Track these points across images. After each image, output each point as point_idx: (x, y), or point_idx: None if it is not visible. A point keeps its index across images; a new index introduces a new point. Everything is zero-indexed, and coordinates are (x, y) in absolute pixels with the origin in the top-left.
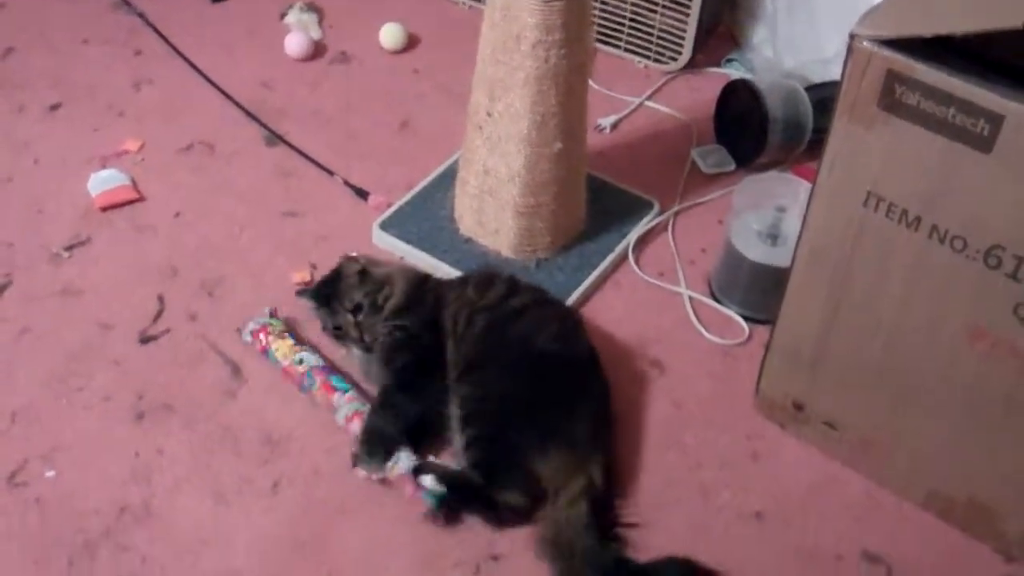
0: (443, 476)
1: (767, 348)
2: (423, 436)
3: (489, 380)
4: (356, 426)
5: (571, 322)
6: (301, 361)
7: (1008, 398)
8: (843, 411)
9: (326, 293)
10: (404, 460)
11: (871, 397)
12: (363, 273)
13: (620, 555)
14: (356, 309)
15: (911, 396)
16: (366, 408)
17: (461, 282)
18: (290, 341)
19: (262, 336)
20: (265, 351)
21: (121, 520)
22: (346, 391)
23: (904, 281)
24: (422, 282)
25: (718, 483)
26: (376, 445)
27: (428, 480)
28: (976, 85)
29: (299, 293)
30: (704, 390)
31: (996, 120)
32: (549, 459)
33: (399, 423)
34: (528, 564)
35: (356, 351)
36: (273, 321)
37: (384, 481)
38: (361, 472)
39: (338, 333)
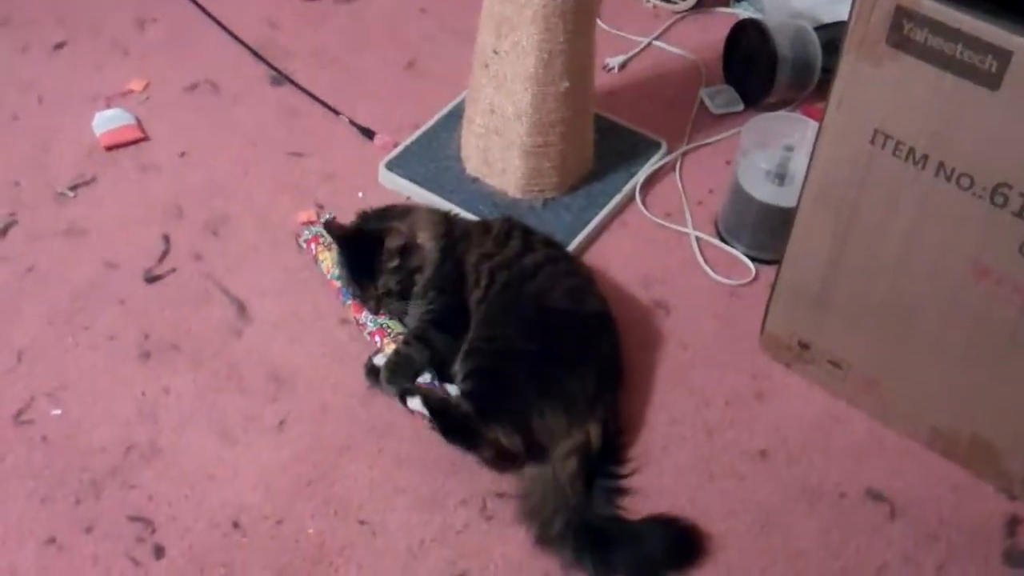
0: (429, 399)
1: (773, 287)
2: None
3: (500, 328)
4: (378, 341)
5: (584, 279)
6: (339, 276)
7: (1012, 335)
8: (848, 349)
9: (361, 260)
10: (425, 380)
11: (876, 335)
12: (404, 253)
13: (605, 516)
14: (387, 294)
15: (915, 334)
16: (392, 326)
17: (484, 230)
18: (335, 254)
19: (313, 245)
20: (315, 260)
21: (128, 458)
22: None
23: (910, 219)
24: (448, 233)
25: (723, 422)
26: (401, 369)
27: (415, 402)
28: (984, 21)
29: (329, 228)
30: (710, 330)
31: (1004, 56)
32: (545, 414)
33: (427, 355)
34: None
35: None
36: (326, 231)
37: (390, 424)
38: (367, 381)
39: (358, 295)
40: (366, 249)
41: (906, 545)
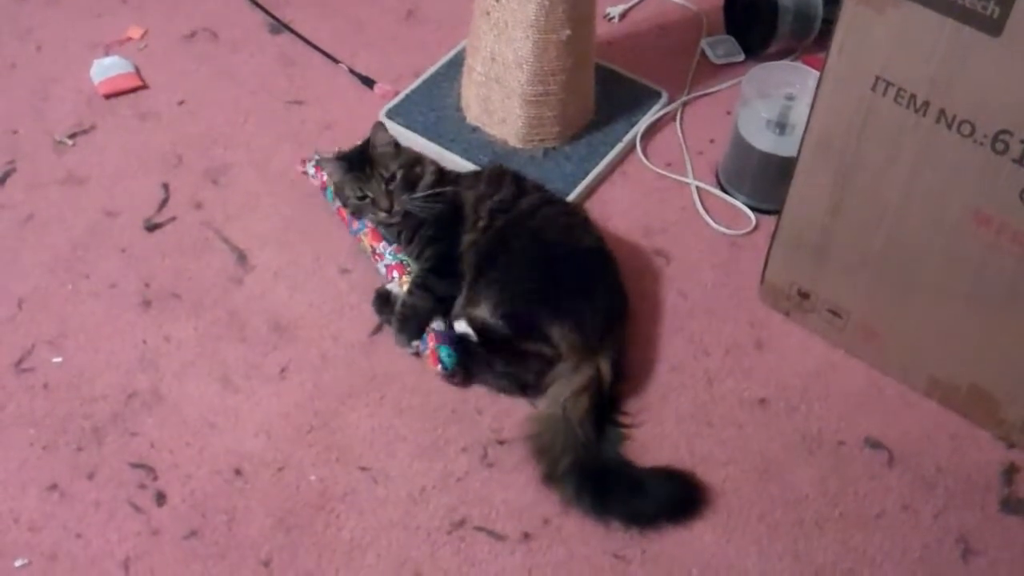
0: (474, 320)
1: (773, 236)
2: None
3: (507, 262)
4: (396, 276)
5: (580, 218)
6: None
7: (1011, 283)
8: (847, 298)
9: (358, 161)
10: (436, 325)
11: (875, 284)
12: (397, 146)
13: (612, 459)
14: (391, 178)
15: (915, 282)
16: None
17: (476, 175)
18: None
19: (323, 173)
20: (324, 189)
21: (129, 406)
22: (392, 242)
23: (911, 166)
24: (443, 169)
25: (722, 370)
26: (410, 321)
27: (460, 325)
28: None
29: (321, 161)
30: (710, 279)
31: (1006, 2)
32: (563, 331)
33: (431, 301)
34: None
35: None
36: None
37: (391, 372)
38: (375, 310)
39: (361, 204)
40: (360, 149)
41: (904, 492)
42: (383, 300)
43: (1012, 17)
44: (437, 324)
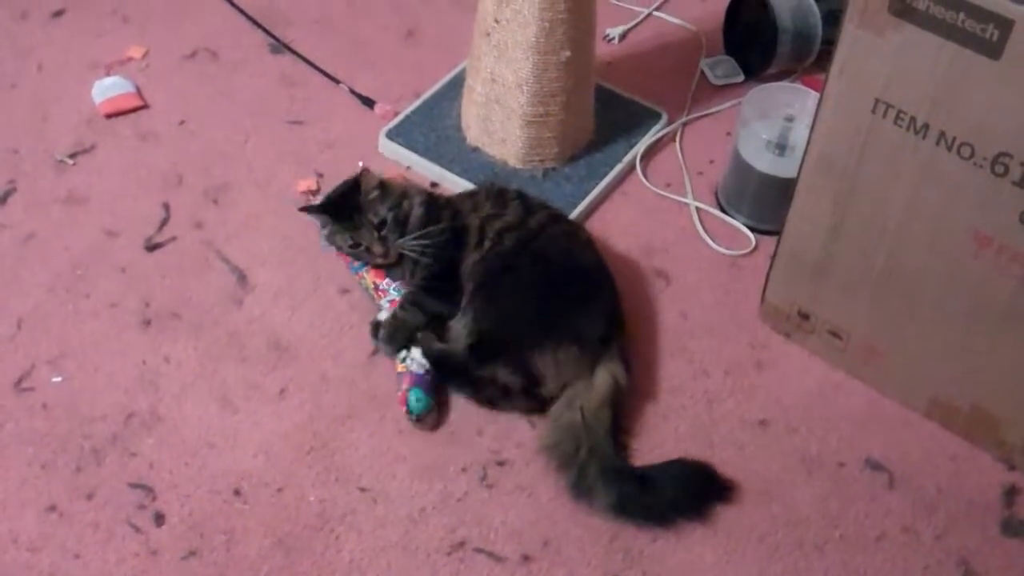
0: (429, 351)
1: (773, 257)
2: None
3: (501, 280)
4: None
5: (583, 238)
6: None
7: (1012, 304)
8: (848, 319)
9: (346, 208)
10: (415, 365)
11: (876, 305)
12: (383, 186)
13: (628, 463)
14: (382, 223)
15: (915, 303)
16: None
17: (471, 195)
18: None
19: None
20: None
21: (128, 426)
22: (396, 278)
23: (911, 188)
24: (432, 196)
25: (723, 391)
26: (398, 332)
27: (415, 352)
28: None
29: (306, 209)
30: (710, 300)
31: (1005, 25)
32: (558, 350)
33: (421, 318)
34: (535, 469)
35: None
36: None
37: (391, 392)
38: (373, 340)
39: (354, 252)
40: (347, 195)
41: (904, 514)
42: (379, 328)
43: (1011, 40)
44: (417, 364)
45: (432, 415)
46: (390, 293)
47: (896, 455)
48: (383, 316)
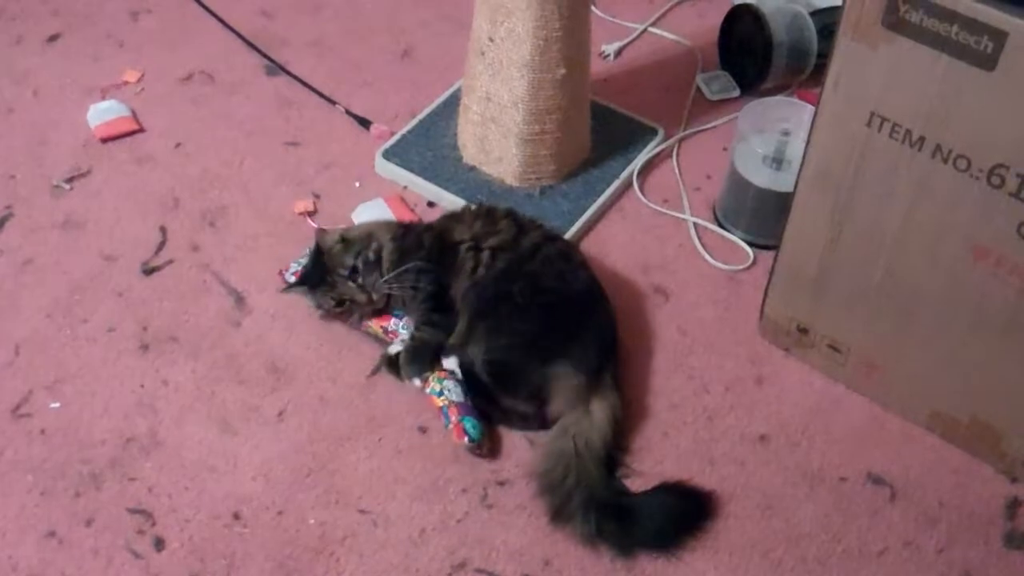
0: (463, 362)
1: (771, 272)
2: None
3: (502, 313)
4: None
5: (576, 259)
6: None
7: (1011, 316)
8: (847, 333)
9: (316, 274)
10: (455, 395)
11: (875, 319)
12: (343, 240)
13: (618, 491)
14: (353, 272)
15: (914, 316)
16: None
17: (457, 216)
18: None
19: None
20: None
21: (127, 450)
22: (401, 315)
23: (908, 201)
24: (405, 228)
25: (723, 407)
26: (419, 353)
27: (450, 362)
28: (979, 1)
29: (287, 290)
30: (709, 316)
31: (999, 37)
32: (555, 380)
33: (440, 336)
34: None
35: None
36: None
37: (389, 413)
38: (386, 371)
39: (342, 309)
40: (313, 264)
41: (907, 528)
42: (393, 363)
43: (1005, 52)
44: (456, 394)
45: (488, 438)
46: (401, 333)
47: (897, 469)
48: (393, 349)
